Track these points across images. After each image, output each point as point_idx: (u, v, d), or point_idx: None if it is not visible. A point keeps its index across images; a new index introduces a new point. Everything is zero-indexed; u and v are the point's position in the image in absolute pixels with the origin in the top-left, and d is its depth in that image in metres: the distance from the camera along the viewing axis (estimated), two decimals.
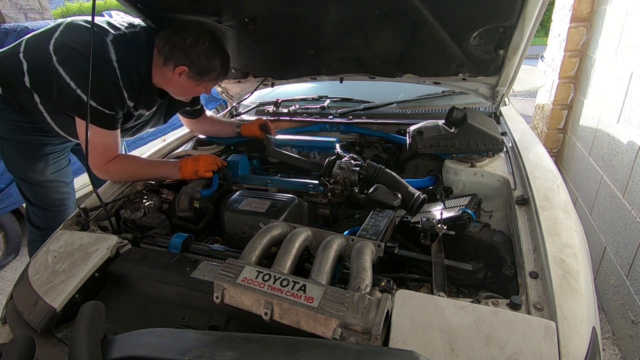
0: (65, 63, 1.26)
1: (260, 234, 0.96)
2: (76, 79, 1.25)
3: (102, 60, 1.25)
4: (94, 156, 1.33)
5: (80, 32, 1.33)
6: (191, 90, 1.44)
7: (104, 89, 1.26)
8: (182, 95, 1.49)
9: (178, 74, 1.34)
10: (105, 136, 1.33)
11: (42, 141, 1.54)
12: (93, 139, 1.27)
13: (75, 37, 1.31)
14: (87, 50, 1.15)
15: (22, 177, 1.60)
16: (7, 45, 1.45)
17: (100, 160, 1.35)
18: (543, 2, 1.12)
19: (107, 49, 1.27)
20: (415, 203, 1.22)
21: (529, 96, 5.41)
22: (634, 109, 1.96)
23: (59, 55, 1.27)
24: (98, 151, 1.33)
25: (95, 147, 1.32)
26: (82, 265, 1.02)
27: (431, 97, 2.04)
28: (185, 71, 1.33)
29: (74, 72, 1.25)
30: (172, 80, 1.38)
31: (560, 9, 3.19)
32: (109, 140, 1.35)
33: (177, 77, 1.35)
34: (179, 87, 1.41)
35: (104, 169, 1.37)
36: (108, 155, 1.35)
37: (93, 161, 1.34)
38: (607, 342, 1.88)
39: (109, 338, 0.63)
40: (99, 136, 1.30)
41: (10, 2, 4.59)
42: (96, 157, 1.34)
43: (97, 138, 1.30)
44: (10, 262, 2.78)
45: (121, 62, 1.28)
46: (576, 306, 0.76)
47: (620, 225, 1.92)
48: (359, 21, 1.40)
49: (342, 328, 0.71)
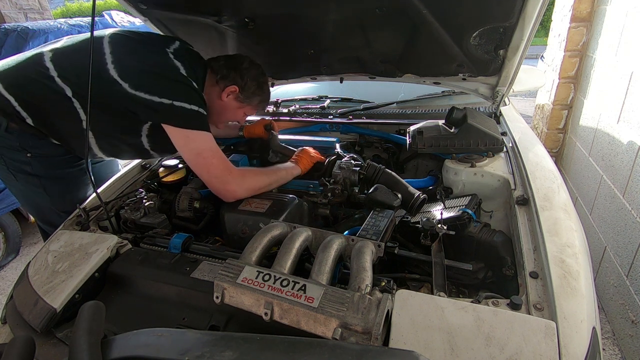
0: (142, 87, 1.19)
1: (260, 234, 0.96)
2: (165, 94, 1.19)
3: (174, 69, 1.23)
4: (215, 170, 1.20)
5: (127, 48, 1.27)
6: (232, 112, 1.45)
7: (188, 87, 1.22)
8: (220, 117, 1.46)
9: (227, 94, 1.38)
10: (209, 139, 1.22)
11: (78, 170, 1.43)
12: (204, 150, 1.19)
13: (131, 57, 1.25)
14: (152, 66, 1.20)
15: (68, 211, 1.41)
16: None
17: (223, 171, 1.21)
18: (543, 2, 1.13)
19: (174, 62, 1.25)
20: (415, 203, 1.22)
21: (529, 96, 5.41)
22: (634, 109, 1.96)
23: (131, 82, 1.19)
24: (216, 161, 1.21)
25: (213, 157, 1.20)
26: (82, 265, 1.02)
27: (431, 97, 2.04)
28: (235, 91, 1.38)
29: (157, 89, 1.19)
30: (218, 99, 1.39)
31: (560, 9, 3.19)
32: (214, 144, 1.24)
33: (224, 96, 1.38)
34: (222, 106, 1.41)
35: (234, 184, 1.21)
36: (225, 165, 1.23)
37: (218, 177, 1.20)
38: (607, 342, 1.88)
39: (109, 338, 0.63)
40: (205, 141, 1.20)
41: (10, 2, 4.60)
42: (218, 168, 1.21)
43: (206, 143, 1.20)
44: (10, 262, 2.78)
45: (188, 72, 1.26)
46: (576, 306, 0.76)
47: (620, 225, 1.92)
48: (359, 21, 1.40)
49: (342, 328, 0.71)
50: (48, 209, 1.42)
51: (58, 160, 1.36)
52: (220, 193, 1.24)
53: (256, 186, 1.27)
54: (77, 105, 1.24)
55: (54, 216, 1.43)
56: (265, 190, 1.30)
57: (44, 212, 1.46)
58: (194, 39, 1.69)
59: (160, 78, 1.21)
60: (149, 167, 1.66)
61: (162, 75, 1.21)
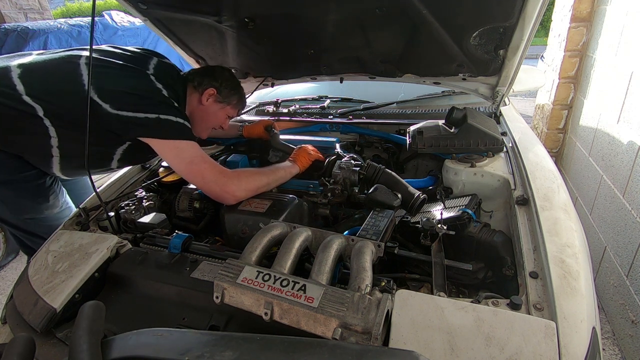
0: (126, 107, 1.20)
1: (260, 234, 0.96)
2: (149, 110, 1.20)
3: (156, 91, 1.25)
4: (210, 174, 1.22)
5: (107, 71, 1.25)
6: (215, 114, 1.49)
7: (171, 105, 1.25)
8: (204, 123, 1.49)
9: (206, 97, 1.43)
10: (198, 147, 1.26)
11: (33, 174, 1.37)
12: (195, 157, 1.22)
13: (111, 81, 1.24)
14: (134, 89, 1.22)
15: (31, 217, 1.43)
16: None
17: (218, 175, 1.22)
18: (543, 2, 1.13)
19: (155, 84, 1.27)
20: (415, 203, 1.22)
21: (529, 96, 5.41)
22: (634, 109, 1.96)
23: (113, 103, 1.19)
24: (208, 166, 1.23)
25: (204, 162, 1.23)
26: (82, 265, 1.02)
27: (431, 97, 2.04)
28: (213, 93, 1.43)
29: (141, 107, 1.21)
30: (199, 105, 1.44)
31: (560, 9, 3.19)
32: (203, 151, 1.27)
33: (204, 100, 1.43)
34: (204, 111, 1.45)
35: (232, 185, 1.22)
36: (219, 168, 1.25)
37: (214, 180, 1.21)
38: (607, 342, 1.88)
39: (109, 338, 0.63)
40: (195, 149, 1.24)
41: (10, 2, 4.60)
42: (212, 172, 1.22)
43: (196, 151, 1.24)
44: (10, 262, 2.77)
45: (169, 94, 1.28)
46: (576, 306, 0.76)
47: (620, 225, 1.92)
48: (359, 21, 1.39)
49: (342, 328, 0.71)
50: (8, 215, 1.41)
51: (9, 165, 1.30)
52: (219, 196, 1.23)
53: (254, 186, 1.27)
54: (48, 123, 1.21)
55: (13, 220, 1.44)
56: (264, 190, 1.30)
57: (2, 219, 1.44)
58: (194, 39, 1.69)
59: (143, 98, 1.22)
60: (149, 167, 1.66)
61: (144, 97, 1.22)
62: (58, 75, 1.24)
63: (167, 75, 1.35)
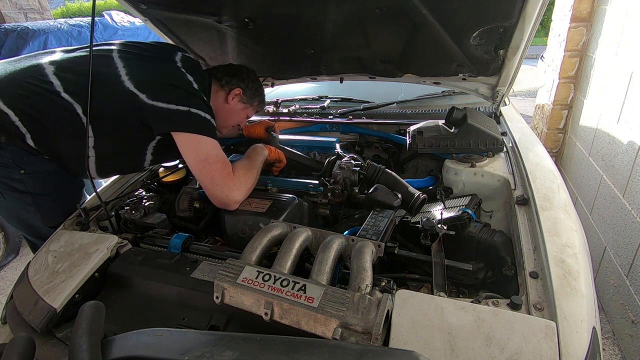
0: (161, 97, 1.19)
1: (260, 234, 0.96)
2: (182, 102, 1.20)
3: (188, 82, 1.26)
4: (219, 177, 1.20)
5: (140, 61, 1.27)
6: (237, 114, 1.52)
7: (201, 99, 1.25)
8: (225, 121, 1.51)
9: (232, 96, 1.45)
10: (217, 146, 1.24)
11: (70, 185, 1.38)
12: (210, 155, 1.20)
13: (145, 70, 1.25)
14: (167, 78, 1.22)
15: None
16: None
17: (225, 176, 1.21)
18: (543, 2, 1.13)
19: (186, 75, 1.27)
20: (415, 203, 1.22)
21: (529, 96, 5.41)
22: (634, 109, 1.96)
23: (149, 93, 1.18)
24: (220, 167, 1.21)
25: (217, 162, 1.21)
26: (82, 265, 1.02)
27: (431, 97, 2.04)
28: (239, 94, 1.46)
29: (175, 98, 1.20)
30: (224, 103, 1.46)
31: (560, 9, 3.19)
32: (221, 151, 1.25)
33: (230, 99, 1.45)
34: (228, 109, 1.47)
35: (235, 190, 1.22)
36: (228, 170, 1.23)
37: (221, 184, 1.20)
38: (607, 342, 1.88)
39: (109, 338, 0.63)
40: (213, 147, 1.22)
41: (10, 2, 4.60)
42: (221, 174, 1.21)
43: (213, 150, 1.21)
44: (10, 262, 2.78)
45: (199, 86, 1.29)
46: (576, 306, 0.76)
47: (620, 225, 1.92)
48: (359, 21, 1.40)
49: (342, 328, 0.71)
50: (38, 225, 1.36)
51: (51, 176, 1.30)
52: (223, 203, 1.23)
53: (250, 186, 1.30)
54: (86, 121, 1.18)
55: (43, 231, 1.37)
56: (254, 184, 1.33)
57: (34, 228, 1.39)
58: (194, 39, 1.69)
59: (176, 89, 1.22)
60: None
61: (177, 86, 1.23)
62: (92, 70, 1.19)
63: (194, 69, 1.35)
